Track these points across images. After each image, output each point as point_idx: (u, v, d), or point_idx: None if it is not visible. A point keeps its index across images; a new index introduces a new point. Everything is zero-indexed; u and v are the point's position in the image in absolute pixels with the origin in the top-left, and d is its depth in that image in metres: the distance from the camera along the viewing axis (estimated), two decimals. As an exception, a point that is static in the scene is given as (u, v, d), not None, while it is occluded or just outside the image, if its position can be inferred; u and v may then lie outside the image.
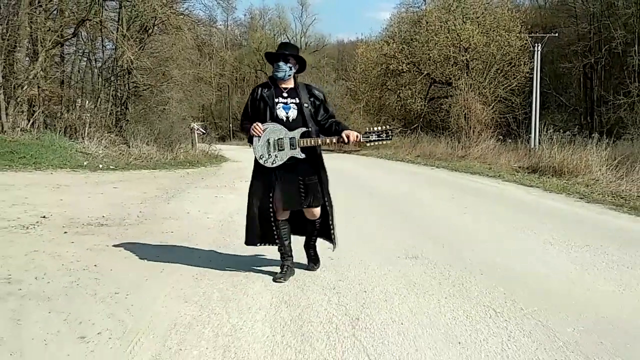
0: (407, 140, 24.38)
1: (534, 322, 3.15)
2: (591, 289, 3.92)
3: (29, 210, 7.05)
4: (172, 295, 3.70)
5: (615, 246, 5.20)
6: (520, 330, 3.02)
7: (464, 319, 3.16)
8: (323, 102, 4.16)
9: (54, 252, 4.89)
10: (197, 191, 9.93)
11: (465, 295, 3.66)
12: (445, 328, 3.04)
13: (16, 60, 15.46)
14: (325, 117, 4.12)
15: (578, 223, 6.76)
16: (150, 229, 6.14)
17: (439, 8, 27.13)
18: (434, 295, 3.64)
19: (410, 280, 3.99)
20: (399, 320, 3.12)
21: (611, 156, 13.33)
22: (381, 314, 3.25)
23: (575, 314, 3.33)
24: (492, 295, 3.67)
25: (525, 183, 10.91)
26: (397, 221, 6.81)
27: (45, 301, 3.51)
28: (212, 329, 3.06)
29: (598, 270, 4.40)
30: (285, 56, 3.98)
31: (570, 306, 3.47)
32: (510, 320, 3.18)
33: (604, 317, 3.28)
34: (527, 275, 4.23)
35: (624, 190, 9.67)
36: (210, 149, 22.65)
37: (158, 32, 21.29)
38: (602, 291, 3.86)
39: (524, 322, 3.15)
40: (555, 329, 3.05)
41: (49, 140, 14.89)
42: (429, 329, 3.01)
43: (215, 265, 4.47)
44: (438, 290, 3.79)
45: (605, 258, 4.78)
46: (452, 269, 4.34)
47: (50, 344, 2.82)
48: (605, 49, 31.79)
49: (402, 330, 2.98)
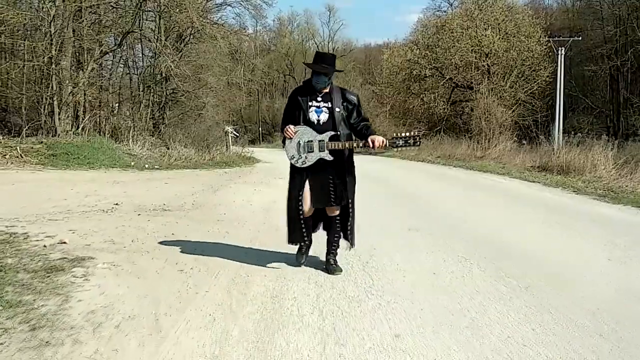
0: (429, 142, 25.51)
1: (490, 264, 4.55)
2: (542, 248, 5.26)
3: (102, 200, 8.53)
4: (238, 250, 5.12)
5: (581, 223, 6.49)
6: (479, 267, 4.42)
7: (441, 262, 4.56)
8: (356, 106, 4.35)
9: (137, 226, 6.33)
10: (238, 186, 11.37)
11: (448, 251, 5.06)
12: (427, 267, 4.43)
13: (62, 68, 16.83)
14: (358, 121, 4.33)
15: (558, 208, 8.12)
16: (206, 212, 7.58)
17: (461, 15, 28.23)
18: (423, 250, 5.04)
19: (409, 242, 5.38)
20: (396, 263, 4.50)
21: (618, 156, 14.35)
22: (384, 260, 4.63)
23: (524, 261, 4.65)
24: (466, 250, 5.07)
25: (528, 179, 12.12)
26: (406, 205, 8.22)
27: (145, 253, 4.94)
28: (267, 270, 4.45)
29: (551, 237, 5.81)
30: (327, 73, 4.23)
31: (522, 257, 4.83)
32: (474, 263, 4.57)
33: (531, 256, 4.57)
34: (495, 238, 5.64)
35: (620, 187, 10.70)
36: (244, 151, 24.06)
37: (194, 41, 22.75)
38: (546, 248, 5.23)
39: (484, 264, 4.55)
40: (504, 269, 4.43)
41: (98, 142, 16.25)
42: (417, 267, 4.39)
43: (263, 235, 5.87)
44: (428, 247, 5.18)
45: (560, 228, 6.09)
46: (442, 236, 5.74)
47: (161, 273, 4.25)
48: (631, 51, 32.11)
49: (397, 269, 4.36)
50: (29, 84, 17.23)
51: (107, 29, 19.53)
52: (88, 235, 5.55)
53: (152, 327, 3.11)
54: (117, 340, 2.89)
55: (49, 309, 3.30)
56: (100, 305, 3.41)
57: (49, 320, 3.11)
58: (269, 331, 3.07)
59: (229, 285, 3.99)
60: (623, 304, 3.69)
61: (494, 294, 3.82)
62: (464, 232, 6.07)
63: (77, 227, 5.92)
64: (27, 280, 3.86)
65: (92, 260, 4.47)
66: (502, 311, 3.47)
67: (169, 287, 3.87)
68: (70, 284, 3.81)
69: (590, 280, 4.23)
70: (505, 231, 6.20)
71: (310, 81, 4.32)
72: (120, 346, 2.82)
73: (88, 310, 3.31)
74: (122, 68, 22.26)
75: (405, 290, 3.85)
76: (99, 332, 2.99)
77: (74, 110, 17.99)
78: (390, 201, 8.94)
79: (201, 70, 23.00)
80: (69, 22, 16.94)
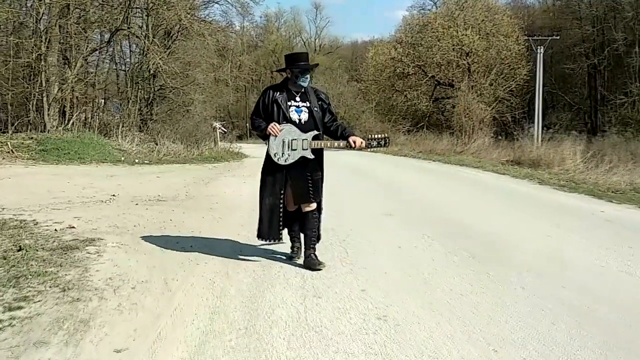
0: (413, 138, 26.31)
1: (450, 241, 5.29)
2: (497, 230, 6.00)
3: (99, 192, 9.09)
4: (231, 232, 5.77)
5: (535, 209, 7.32)
6: (439, 243, 5.16)
7: (407, 240, 5.33)
8: (329, 106, 4.51)
9: (136, 213, 6.93)
10: (227, 179, 11.99)
11: (415, 231, 5.81)
12: (395, 243, 5.13)
13: (49, 65, 17.10)
14: (330, 120, 4.49)
15: (519, 196, 9.08)
16: (199, 202, 8.20)
17: (442, 15, 29.04)
18: (394, 231, 5.81)
19: (382, 224, 6.14)
20: (368, 240, 5.21)
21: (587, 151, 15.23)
22: (358, 238, 5.35)
23: (479, 238, 5.37)
24: (432, 230, 5.83)
25: (499, 172, 12.94)
26: (384, 194, 9.02)
27: (148, 235, 5.56)
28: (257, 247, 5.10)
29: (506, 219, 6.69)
30: (312, 68, 4.43)
31: (478, 235, 5.59)
32: (435, 240, 5.33)
33: (485, 235, 5.30)
34: (458, 221, 6.44)
35: (583, 179, 11.47)
36: (232, 147, 24.58)
37: (182, 38, 23.13)
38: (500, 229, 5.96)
39: (445, 241, 5.28)
40: (461, 244, 5.17)
41: (88, 138, 16.48)
42: (386, 244, 5.13)
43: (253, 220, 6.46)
44: (398, 228, 5.92)
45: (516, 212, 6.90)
46: (412, 219, 6.54)
47: (164, 250, 4.88)
48: (607, 50, 32.99)
49: (369, 245, 5.11)
50: (17, 81, 17.45)
51: (93, 24, 19.75)
52: (93, 222, 6.14)
53: (162, 288, 3.75)
54: (135, 297, 3.53)
55: (73, 277, 3.92)
56: (116, 274, 4.03)
57: (75, 285, 3.73)
58: (260, 289, 3.73)
59: (225, 258, 4.64)
60: (549, 267, 4.50)
61: (446, 262, 4.58)
62: (432, 216, 6.84)
63: (81, 215, 6.51)
64: (47, 256, 4.46)
65: (101, 240, 5.08)
66: (450, 274, 4.22)
67: (173, 260, 4.51)
68: (87, 259, 4.43)
69: (526, 250, 5.06)
70: (469, 215, 6.96)
71: (286, 82, 4.43)
72: (139, 301, 3.46)
73: (106, 277, 3.94)
74: (109, 64, 22.61)
75: (373, 260, 4.57)
76: (119, 292, 3.62)
77: (61, 106, 18.27)
78: (371, 191, 9.66)
79: (189, 67, 23.33)
80: (57, 19, 17.28)
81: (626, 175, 11.58)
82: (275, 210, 4.38)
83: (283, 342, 2.88)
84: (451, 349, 2.83)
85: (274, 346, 2.83)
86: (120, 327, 3.01)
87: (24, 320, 3.02)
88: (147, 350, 2.75)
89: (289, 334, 2.99)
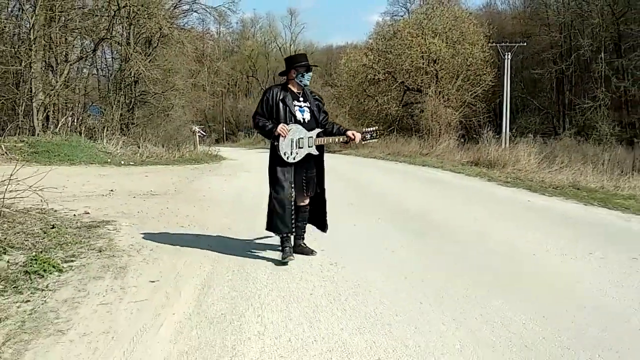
0: (383, 141, 27.66)
1: (401, 223, 6.58)
2: (443, 215, 7.35)
3: (98, 188, 10.18)
4: (220, 215, 7.01)
5: (477, 198, 8.69)
6: (391, 225, 6.47)
7: (365, 223, 6.61)
8: (323, 105, 4.79)
9: (136, 203, 8.11)
10: (210, 178, 13.19)
11: (372, 216, 7.12)
12: (351, 222, 6.40)
13: (35, 72, 17.86)
14: (325, 119, 4.73)
15: (466, 189, 10.51)
16: (188, 195, 9.41)
17: (411, 24, 30.61)
18: (354, 216, 7.09)
19: (345, 212, 7.40)
20: (333, 225, 6.48)
21: (540, 152, 16.79)
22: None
23: (427, 221, 6.71)
24: (386, 216, 7.14)
25: (456, 171, 14.39)
26: (350, 189, 10.29)
27: (151, 218, 6.77)
28: (244, 230, 6.35)
29: (451, 206, 7.95)
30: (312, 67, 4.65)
31: (426, 219, 6.88)
32: (388, 222, 6.66)
33: (432, 219, 6.66)
34: (411, 209, 7.73)
35: (530, 178, 12.82)
36: (210, 149, 25.63)
37: (162, 45, 24.16)
38: (445, 214, 7.30)
39: (396, 223, 6.56)
40: (410, 226, 6.47)
41: (76, 141, 17.38)
42: (347, 227, 6.39)
43: (237, 208, 7.76)
44: (359, 215, 7.21)
45: (461, 201, 8.22)
46: (371, 208, 7.79)
47: (167, 228, 6.10)
48: (574, 55, 34.88)
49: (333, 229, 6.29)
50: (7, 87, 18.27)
51: (75, 32, 20.65)
52: (102, 210, 7.30)
53: (175, 250, 4.99)
54: (156, 255, 4.77)
55: (102, 244, 5.13)
56: (135, 242, 5.26)
57: (106, 248, 4.95)
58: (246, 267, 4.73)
59: (217, 235, 5.90)
60: (482, 241, 5.81)
61: (398, 239, 5.79)
62: (389, 205, 8.18)
63: (89, 205, 7.64)
64: (75, 232, 5.64)
65: (115, 222, 6.29)
66: (401, 248, 5.42)
67: (176, 234, 5.76)
68: (108, 233, 5.64)
69: (468, 231, 6.35)
70: (421, 204, 8.33)
71: (287, 84, 4.64)
72: (159, 257, 4.70)
73: (128, 244, 5.16)
74: (88, 69, 23.43)
75: (337, 240, 5.68)
76: (141, 252, 4.85)
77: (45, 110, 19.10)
78: (339, 187, 10.93)
79: (169, 73, 24.31)
80: (44, 28, 18.21)
81: (572, 175, 12.84)
82: (288, 206, 4.54)
83: (264, 276, 4.21)
84: (381, 280, 4.16)
85: (259, 279, 4.14)
86: (150, 270, 4.27)
87: (80, 267, 4.25)
88: (172, 281, 4.02)
89: (269, 272, 4.33)
